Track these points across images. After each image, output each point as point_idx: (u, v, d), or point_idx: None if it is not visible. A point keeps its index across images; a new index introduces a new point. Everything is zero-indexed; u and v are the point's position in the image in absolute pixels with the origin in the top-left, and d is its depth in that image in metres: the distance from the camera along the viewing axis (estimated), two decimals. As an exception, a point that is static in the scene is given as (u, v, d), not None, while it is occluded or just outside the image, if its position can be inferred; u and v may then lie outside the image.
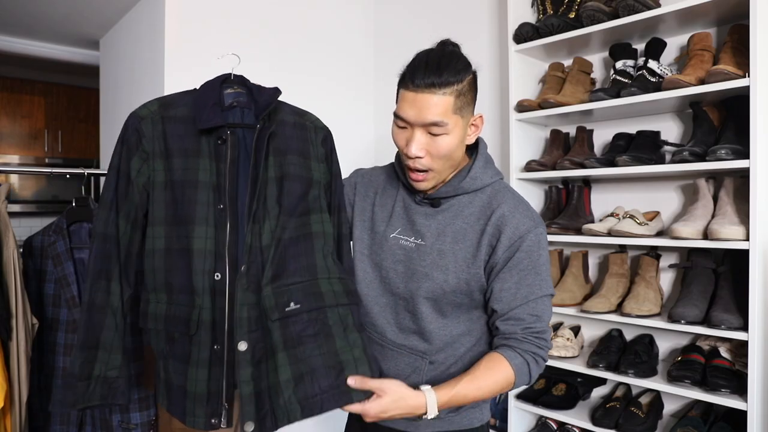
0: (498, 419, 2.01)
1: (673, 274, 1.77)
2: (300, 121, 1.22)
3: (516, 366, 1.06)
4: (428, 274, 1.12)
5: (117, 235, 1.09)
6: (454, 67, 1.05)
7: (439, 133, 1.07)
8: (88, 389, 1.06)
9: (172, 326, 1.07)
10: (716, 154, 1.45)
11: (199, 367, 1.06)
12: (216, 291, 1.06)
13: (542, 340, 1.09)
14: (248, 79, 1.20)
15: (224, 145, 1.11)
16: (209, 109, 1.10)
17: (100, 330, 1.07)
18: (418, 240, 1.15)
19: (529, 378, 1.09)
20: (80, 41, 2.92)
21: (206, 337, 1.06)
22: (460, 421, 1.17)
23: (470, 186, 1.15)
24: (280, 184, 1.13)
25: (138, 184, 1.10)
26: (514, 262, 1.09)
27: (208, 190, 1.09)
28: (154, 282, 1.10)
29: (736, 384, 1.44)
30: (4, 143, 3.90)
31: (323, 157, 1.22)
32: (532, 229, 1.10)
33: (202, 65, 2.03)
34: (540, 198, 2.03)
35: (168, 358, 1.10)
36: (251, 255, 1.07)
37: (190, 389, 1.06)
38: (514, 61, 1.90)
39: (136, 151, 1.10)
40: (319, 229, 1.16)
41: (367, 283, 1.20)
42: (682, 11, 1.54)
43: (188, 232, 1.07)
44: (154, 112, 1.12)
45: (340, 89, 2.53)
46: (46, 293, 1.55)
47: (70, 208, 1.60)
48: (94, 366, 1.06)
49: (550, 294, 1.12)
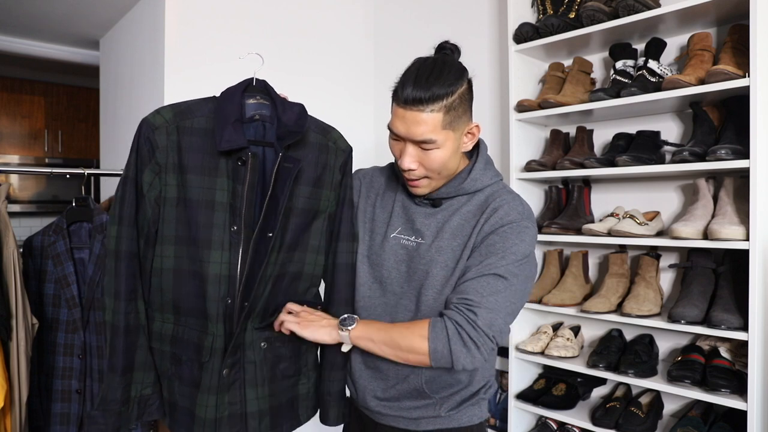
0: (498, 419, 2.01)
1: (673, 274, 1.77)
2: (323, 142, 1.16)
3: (432, 330, 1.00)
4: (429, 271, 1.12)
5: (139, 252, 1.06)
6: (444, 81, 1.03)
7: (430, 148, 1.07)
8: (128, 411, 1.06)
9: (180, 349, 1.06)
10: (716, 154, 1.45)
11: (210, 394, 1.05)
12: (227, 317, 1.06)
13: (471, 313, 0.99)
14: (272, 88, 1.14)
15: (244, 167, 1.05)
16: (230, 127, 1.04)
17: (135, 351, 1.06)
18: (419, 239, 1.16)
19: (449, 354, 0.99)
20: (80, 41, 2.92)
21: (217, 364, 1.05)
22: (459, 418, 1.17)
23: (470, 187, 1.16)
24: (289, 216, 1.11)
25: (150, 198, 1.05)
26: (487, 243, 1.08)
27: (225, 212, 1.05)
28: (161, 301, 1.08)
29: (736, 384, 1.44)
30: (4, 143, 3.90)
31: (337, 184, 1.18)
32: (518, 220, 1.09)
33: (202, 65, 2.04)
34: (540, 198, 2.03)
35: (173, 379, 1.08)
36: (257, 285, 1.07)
37: (199, 414, 1.05)
38: (514, 61, 1.90)
39: (149, 163, 1.05)
40: (310, 271, 1.17)
41: (369, 285, 1.20)
42: (682, 11, 1.54)
43: (203, 256, 1.04)
44: (169, 121, 1.06)
45: (340, 89, 2.53)
46: (46, 293, 1.55)
47: (70, 208, 1.60)
48: (131, 388, 1.06)
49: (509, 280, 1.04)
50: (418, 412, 1.16)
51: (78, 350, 1.53)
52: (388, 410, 1.18)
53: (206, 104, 1.10)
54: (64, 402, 1.57)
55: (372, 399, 1.18)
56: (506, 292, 1.04)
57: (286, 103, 1.14)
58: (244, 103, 1.11)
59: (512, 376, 1.90)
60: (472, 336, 0.99)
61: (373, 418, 1.22)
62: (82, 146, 4.21)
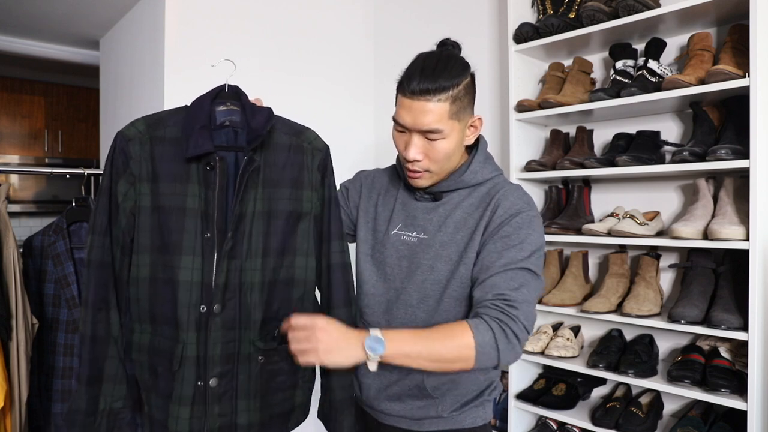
0: (498, 419, 2.01)
1: (673, 274, 1.77)
2: (296, 143, 1.15)
3: (478, 334, 0.97)
4: (432, 266, 1.12)
5: (112, 262, 1.06)
6: (450, 72, 1.05)
7: (436, 139, 1.08)
8: (95, 423, 1.04)
9: (156, 359, 1.05)
10: (716, 154, 1.45)
11: (182, 405, 1.03)
12: (201, 325, 1.04)
13: (514, 309, 0.99)
14: (244, 93, 1.14)
15: (213, 172, 1.06)
16: (197, 133, 1.05)
17: (104, 362, 1.05)
18: (420, 234, 1.16)
19: (496, 354, 0.98)
20: (80, 41, 2.92)
21: (189, 373, 1.03)
22: (463, 419, 1.17)
23: (470, 180, 1.16)
24: (268, 220, 1.09)
25: (125, 209, 1.06)
26: (501, 234, 1.08)
27: (197, 218, 1.05)
28: (138, 311, 1.07)
29: (736, 384, 1.44)
30: (4, 143, 3.90)
31: (318, 184, 1.17)
32: (526, 209, 1.11)
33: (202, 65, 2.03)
34: (540, 198, 2.03)
35: (150, 391, 1.07)
36: (226, 293, 1.05)
37: (171, 426, 1.03)
38: (514, 61, 1.90)
39: (123, 173, 1.06)
40: (302, 276, 1.14)
41: (372, 283, 1.20)
42: (682, 11, 1.54)
43: (174, 262, 1.04)
44: (142, 132, 1.07)
45: (340, 89, 2.53)
46: (46, 293, 1.55)
47: (70, 208, 1.60)
48: (99, 400, 1.04)
49: (533, 272, 1.06)
50: (421, 412, 1.16)
51: (78, 350, 1.53)
52: (392, 409, 1.18)
53: (177, 114, 1.11)
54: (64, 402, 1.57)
55: (376, 397, 1.18)
56: (533, 283, 1.06)
57: (255, 108, 1.13)
58: (214, 110, 1.12)
59: (512, 376, 1.90)
60: (516, 331, 0.99)
61: (376, 417, 1.22)
62: (82, 146, 4.21)
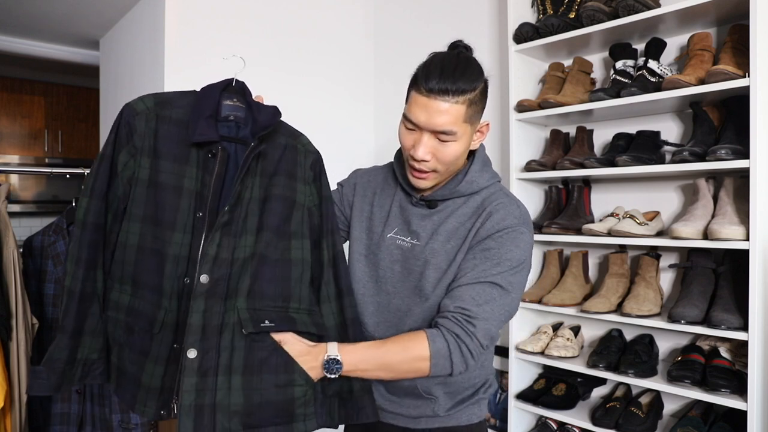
0: (498, 419, 2.01)
1: (673, 274, 1.77)
2: (291, 143, 1.21)
3: (433, 345, 1.01)
4: (422, 273, 1.12)
5: (105, 225, 1.11)
6: (470, 76, 1.05)
7: (447, 140, 1.07)
8: (72, 371, 1.09)
9: (134, 319, 1.09)
10: (716, 154, 1.45)
11: (157, 363, 1.08)
12: (183, 294, 1.08)
13: (471, 325, 1.02)
14: (249, 92, 1.19)
15: (213, 159, 1.12)
16: (204, 122, 1.11)
17: (87, 317, 1.10)
18: (414, 240, 1.16)
19: (450, 366, 1.02)
20: (80, 41, 2.92)
21: (168, 336, 1.08)
22: (459, 417, 1.18)
23: (466, 189, 1.16)
24: (263, 204, 1.13)
25: (123, 178, 1.11)
26: (483, 247, 1.08)
27: (191, 198, 1.10)
28: (121, 272, 1.11)
29: (736, 384, 1.44)
30: (4, 143, 3.90)
31: (311, 179, 1.21)
32: (515, 226, 1.10)
33: (202, 65, 2.04)
34: (540, 198, 2.03)
35: (124, 347, 1.11)
36: (215, 266, 1.06)
37: (144, 381, 1.08)
38: (514, 61, 1.90)
39: (126, 145, 1.11)
40: (299, 256, 1.15)
41: (364, 283, 1.20)
42: (682, 11, 1.54)
43: (165, 236, 1.08)
44: (149, 109, 1.12)
45: (340, 89, 2.53)
46: (46, 293, 1.55)
47: (70, 208, 1.60)
48: (78, 350, 1.09)
49: (503, 288, 1.05)
50: (417, 411, 1.16)
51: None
52: (390, 407, 1.18)
53: (186, 97, 1.16)
54: (64, 402, 1.57)
55: (375, 393, 1.18)
56: (501, 300, 1.06)
57: (260, 105, 1.19)
58: (221, 103, 1.17)
59: (512, 376, 1.90)
60: (471, 347, 1.02)
61: None
62: (82, 146, 4.21)
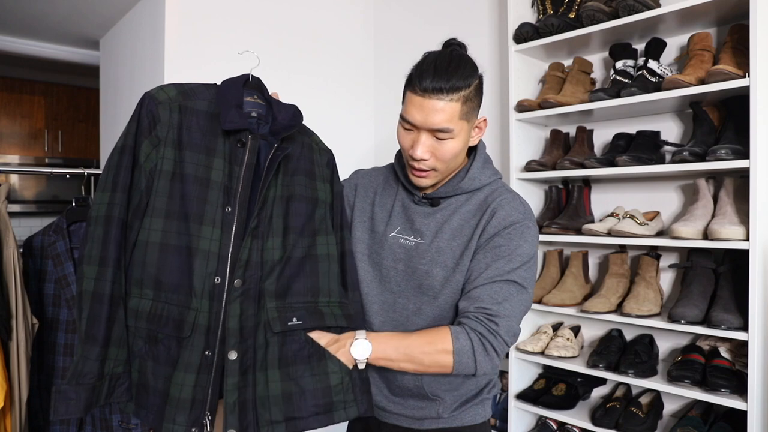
0: (498, 419, 2.01)
1: (673, 274, 1.77)
2: (308, 142, 1.22)
3: (457, 342, 1.02)
4: (428, 271, 1.12)
5: (126, 221, 1.05)
6: (463, 73, 1.05)
7: (445, 138, 1.08)
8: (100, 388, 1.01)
9: (157, 326, 1.03)
10: (716, 154, 1.45)
11: (187, 372, 1.01)
12: (215, 295, 1.03)
13: (493, 323, 1.03)
14: (266, 88, 1.19)
15: (243, 148, 1.08)
16: (234, 110, 1.08)
17: (114, 323, 1.02)
18: (418, 239, 1.16)
19: (474, 364, 1.03)
20: (80, 41, 2.92)
21: (199, 341, 1.02)
22: (463, 417, 1.18)
23: (469, 186, 1.16)
24: (287, 203, 1.13)
25: (145, 170, 1.05)
26: (492, 245, 1.09)
27: (219, 190, 1.06)
28: (141, 275, 1.04)
29: (736, 384, 1.44)
30: (4, 143, 3.90)
31: (328, 178, 1.23)
32: (521, 220, 1.11)
33: (202, 65, 2.04)
34: (540, 198, 2.03)
35: (146, 359, 1.04)
36: (248, 269, 1.05)
37: (173, 394, 1.01)
38: (514, 61, 1.90)
39: (149, 135, 1.06)
40: (324, 252, 1.17)
41: (367, 283, 1.20)
42: (682, 11, 1.54)
43: (193, 230, 1.04)
44: (172, 99, 1.08)
45: (340, 89, 2.53)
46: (46, 293, 1.55)
47: (70, 208, 1.60)
48: (105, 363, 1.01)
49: (520, 284, 1.07)
50: (421, 412, 1.16)
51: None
52: (393, 407, 1.18)
53: (208, 90, 1.14)
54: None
55: (378, 394, 1.19)
56: (518, 297, 1.07)
57: (281, 104, 1.18)
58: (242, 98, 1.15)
59: (512, 376, 1.90)
60: (495, 345, 1.03)
61: (378, 416, 1.21)
62: (82, 146, 4.21)
